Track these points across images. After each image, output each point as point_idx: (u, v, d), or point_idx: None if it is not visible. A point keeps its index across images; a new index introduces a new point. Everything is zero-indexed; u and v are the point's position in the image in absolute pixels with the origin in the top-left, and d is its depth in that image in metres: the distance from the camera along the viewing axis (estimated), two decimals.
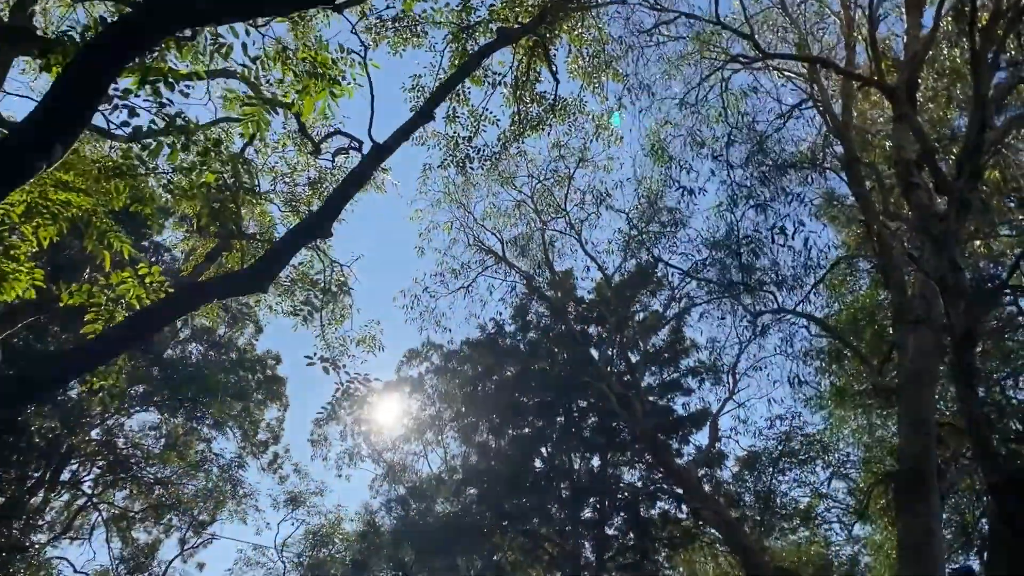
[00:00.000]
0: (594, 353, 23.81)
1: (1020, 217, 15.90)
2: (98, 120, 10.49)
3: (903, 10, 13.36)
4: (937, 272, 8.66)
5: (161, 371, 35.01)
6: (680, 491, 22.03)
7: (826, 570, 26.13)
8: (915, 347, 10.50)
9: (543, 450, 26.00)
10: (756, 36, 14.85)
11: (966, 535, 20.11)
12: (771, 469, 20.86)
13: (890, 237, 12.32)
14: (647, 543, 24.55)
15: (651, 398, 25.01)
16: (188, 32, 7.95)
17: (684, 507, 24.40)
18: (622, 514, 25.54)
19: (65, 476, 32.61)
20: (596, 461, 26.17)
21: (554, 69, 14.28)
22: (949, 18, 13.14)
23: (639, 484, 24.95)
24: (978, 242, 15.41)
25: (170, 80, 7.12)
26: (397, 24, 14.31)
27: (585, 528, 25.46)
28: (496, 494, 24.88)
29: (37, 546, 28.31)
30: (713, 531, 24.62)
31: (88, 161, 10.79)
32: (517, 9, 13.39)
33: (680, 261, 19.49)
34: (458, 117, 16.10)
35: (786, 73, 16.22)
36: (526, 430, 25.74)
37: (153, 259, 22.33)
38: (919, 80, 12.12)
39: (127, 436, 35.23)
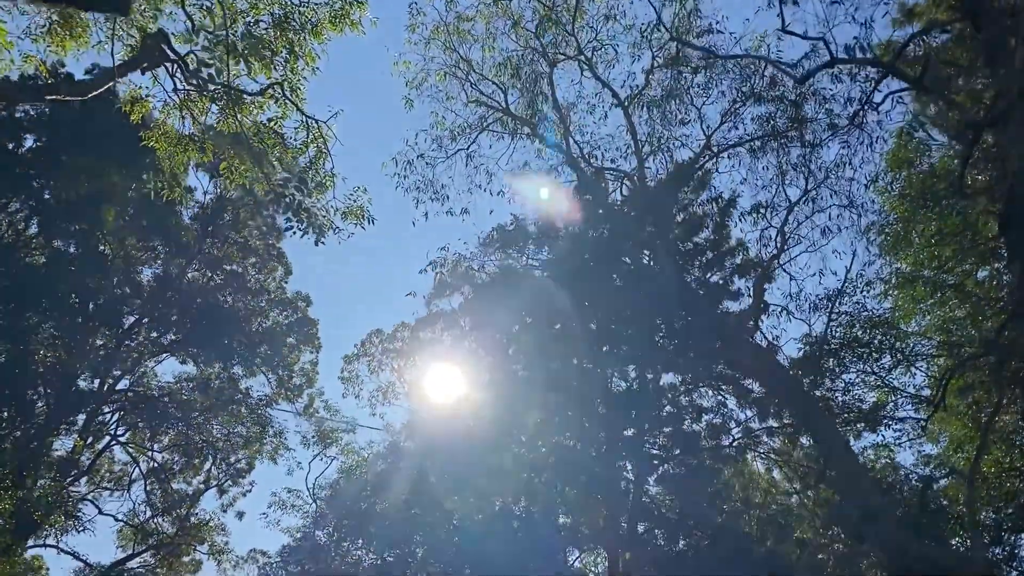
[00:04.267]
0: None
1: None
2: None
3: None
4: None
5: (188, 315, 33.97)
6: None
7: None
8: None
9: (575, 362, 23.64)
10: None
11: None
12: (832, 360, 18.09)
13: None
14: (692, 459, 22.11)
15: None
16: None
17: (734, 413, 21.87)
18: (665, 429, 23.07)
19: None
20: (633, 373, 23.71)
21: None
22: None
23: (682, 388, 22.35)
24: None
25: None
26: None
27: (624, 446, 23.09)
28: (525, 410, 22.72)
29: (45, 485, 27.09)
30: (767, 440, 22.05)
31: None
32: None
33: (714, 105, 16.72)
34: None
35: None
36: (556, 340, 23.37)
37: None
38: None
39: (161, 387, 34.20)
